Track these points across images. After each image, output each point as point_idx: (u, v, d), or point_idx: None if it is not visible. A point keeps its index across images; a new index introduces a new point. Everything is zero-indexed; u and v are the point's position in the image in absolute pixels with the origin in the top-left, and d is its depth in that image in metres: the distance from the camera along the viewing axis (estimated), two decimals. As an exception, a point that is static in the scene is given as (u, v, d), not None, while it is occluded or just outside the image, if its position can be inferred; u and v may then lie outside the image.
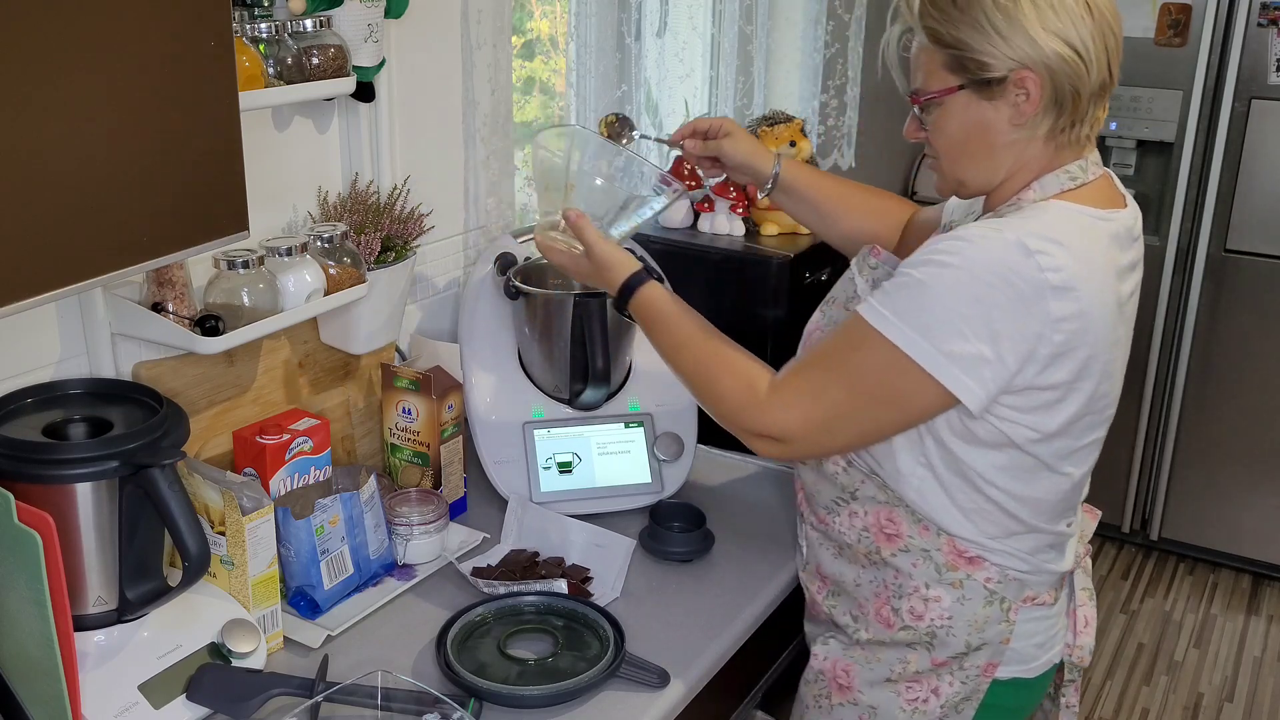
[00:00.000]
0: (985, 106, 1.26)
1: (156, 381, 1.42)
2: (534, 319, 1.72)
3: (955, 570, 1.34)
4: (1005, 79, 1.23)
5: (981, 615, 1.35)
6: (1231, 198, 3.16)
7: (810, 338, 1.45)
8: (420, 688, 1.23)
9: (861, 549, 1.39)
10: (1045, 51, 1.21)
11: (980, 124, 1.27)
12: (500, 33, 1.88)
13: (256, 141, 1.52)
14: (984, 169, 1.30)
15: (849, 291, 1.41)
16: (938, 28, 1.25)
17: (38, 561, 1.07)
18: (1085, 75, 1.22)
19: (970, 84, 1.25)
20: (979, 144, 1.28)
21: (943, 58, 1.26)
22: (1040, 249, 1.18)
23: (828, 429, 1.28)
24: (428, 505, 1.57)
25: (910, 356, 1.20)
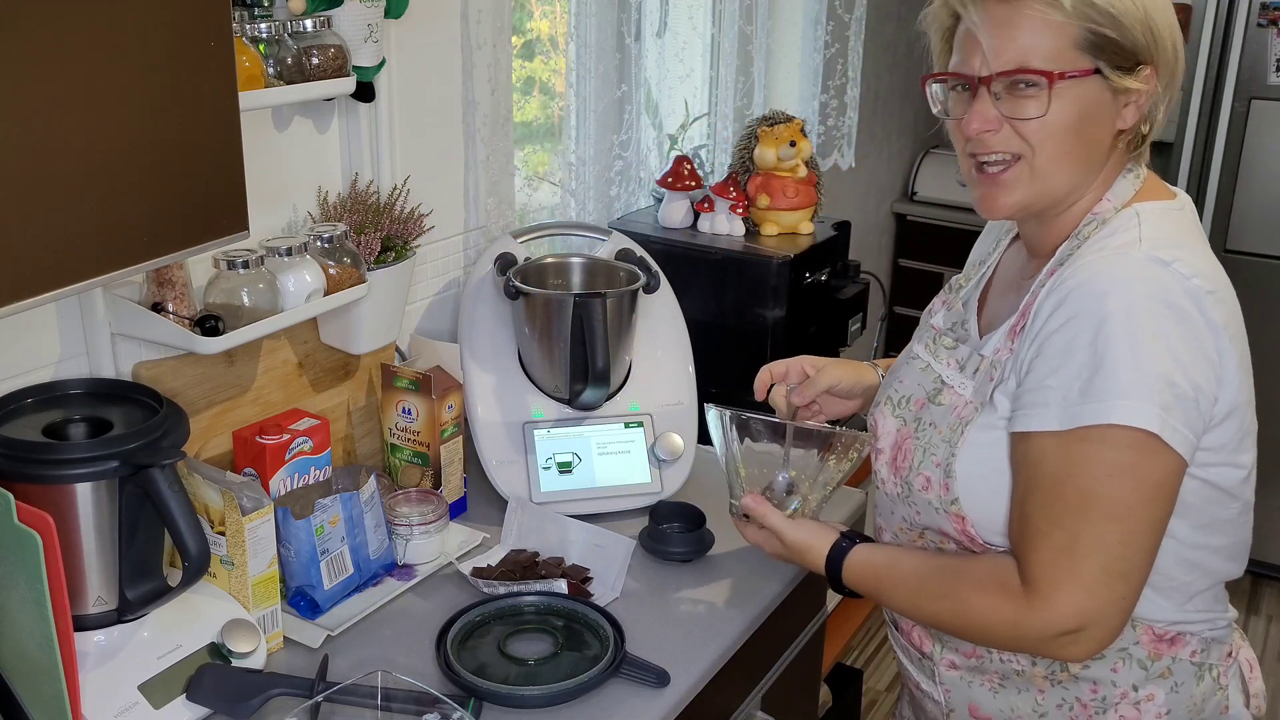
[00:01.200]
0: (1108, 99, 1.10)
1: (156, 381, 1.42)
2: (534, 319, 1.72)
3: (1159, 659, 1.16)
4: (1140, 71, 1.10)
5: (1198, 694, 1.18)
6: (1231, 198, 3.16)
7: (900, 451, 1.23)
8: (420, 688, 1.23)
9: (1040, 671, 1.19)
10: (1170, 45, 1.11)
11: (1098, 118, 1.11)
12: (500, 33, 1.88)
13: (256, 141, 1.52)
14: (1079, 171, 1.13)
15: (930, 385, 1.22)
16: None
17: (38, 561, 1.07)
18: (1180, 77, 1.14)
19: (1110, 69, 1.09)
20: (1089, 142, 1.11)
21: (1077, 33, 1.08)
22: (1174, 257, 1.05)
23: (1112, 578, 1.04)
24: (428, 505, 1.57)
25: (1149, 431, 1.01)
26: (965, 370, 1.18)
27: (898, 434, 1.23)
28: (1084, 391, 1.02)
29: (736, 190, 2.29)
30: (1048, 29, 1.08)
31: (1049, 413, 1.05)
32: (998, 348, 1.15)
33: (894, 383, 1.28)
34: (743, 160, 2.33)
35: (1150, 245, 1.07)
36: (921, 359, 1.26)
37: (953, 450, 1.14)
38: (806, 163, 2.33)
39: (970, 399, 1.16)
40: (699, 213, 2.32)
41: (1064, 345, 1.04)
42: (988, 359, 1.16)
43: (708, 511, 1.66)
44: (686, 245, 2.23)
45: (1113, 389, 1.01)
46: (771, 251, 2.18)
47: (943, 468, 1.15)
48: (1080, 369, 1.03)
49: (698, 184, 2.32)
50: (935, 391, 1.20)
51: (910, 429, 1.22)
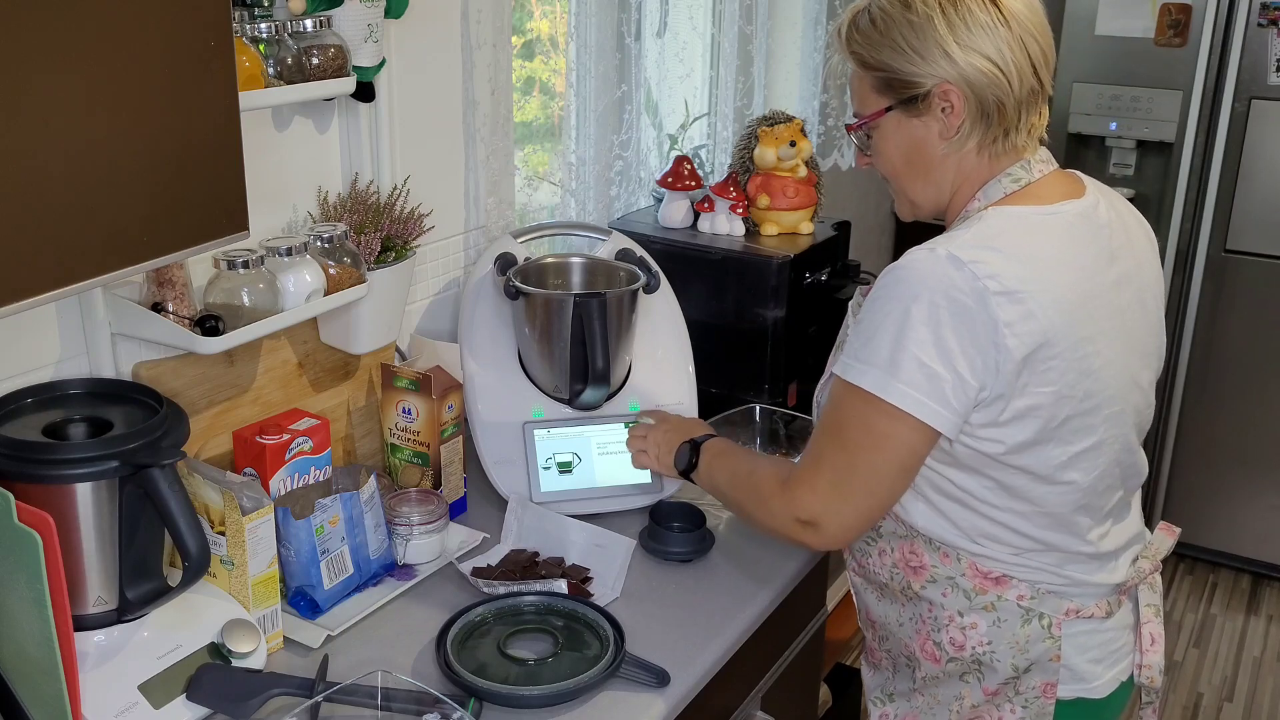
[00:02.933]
0: (915, 124, 1.29)
1: (156, 381, 1.42)
2: (534, 319, 1.72)
3: (984, 593, 1.32)
4: (929, 94, 1.26)
5: (1022, 635, 1.32)
6: (1231, 198, 3.17)
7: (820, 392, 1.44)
8: (420, 688, 1.23)
9: (896, 586, 1.39)
10: (962, 66, 1.23)
11: (913, 142, 1.30)
12: (500, 33, 1.88)
13: (256, 141, 1.52)
14: (928, 186, 1.33)
15: (844, 336, 1.42)
16: (862, 52, 1.29)
17: (38, 561, 1.07)
18: (1007, 85, 1.24)
19: (898, 104, 1.29)
20: (917, 162, 1.31)
21: (871, 81, 1.30)
22: (973, 258, 1.19)
23: (839, 494, 1.27)
24: (428, 505, 1.57)
25: (875, 394, 1.21)
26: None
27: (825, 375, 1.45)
28: (856, 354, 1.23)
29: (736, 190, 2.29)
30: (856, 81, 1.33)
31: (838, 363, 1.27)
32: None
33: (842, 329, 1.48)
34: (743, 160, 2.33)
35: (956, 246, 1.21)
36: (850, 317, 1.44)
37: (821, 391, 1.40)
38: (806, 163, 2.33)
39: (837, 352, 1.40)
40: (699, 213, 2.32)
41: (863, 316, 1.25)
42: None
43: (708, 512, 1.66)
44: (686, 245, 2.23)
45: (871, 357, 1.21)
46: (771, 251, 2.18)
47: (818, 402, 1.42)
48: (862, 336, 1.23)
49: (698, 184, 2.32)
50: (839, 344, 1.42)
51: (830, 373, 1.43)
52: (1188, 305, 3.28)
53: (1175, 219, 3.24)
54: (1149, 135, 3.25)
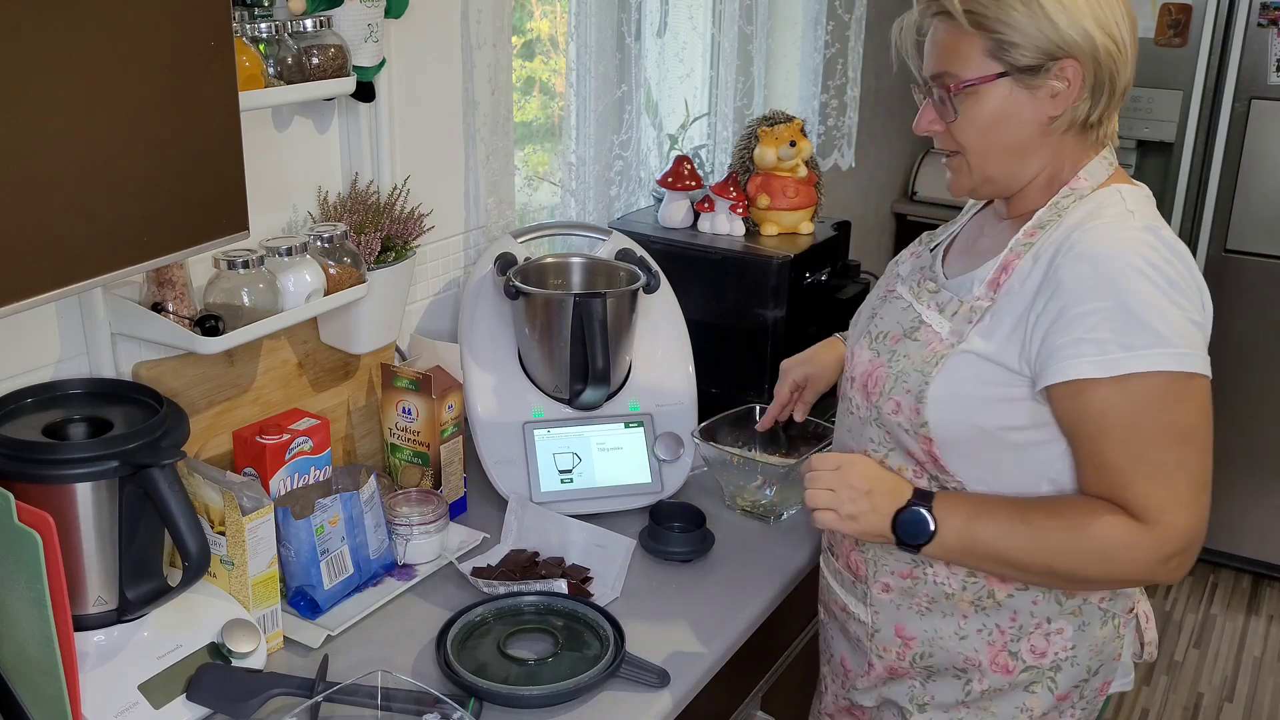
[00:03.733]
0: (1024, 96, 1.21)
1: (156, 381, 1.42)
2: (534, 319, 1.72)
3: (1073, 597, 1.30)
4: (1048, 67, 1.19)
5: (1100, 637, 1.32)
6: (1231, 198, 3.16)
7: (871, 379, 1.34)
8: (420, 688, 1.23)
9: (968, 597, 1.31)
10: (1095, 40, 1.18)
11: (1016, 115, 1.23)
12: (500, 33, 1.88)
13: (256, 141, 1.52)
14: (1014, 164, 1.26)
15: (908, 323, 1.33)
16: (982, 10, 1.19)
17: (38, 561, 1.07)
18: (1124, 66, 1.22)
19: (1012, 71, 1.20)
20: (1013, 137, 1.24)
21: (983, 42, 1.20)
22: (1158, 225, 1.20)
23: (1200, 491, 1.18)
24: (428, 505, 1.57)
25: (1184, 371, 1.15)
26: (944, 312, 1.29)
27: (870, 364, 1.35)
28: (1125, 345, 1.14)
29: (736, 190, 2.29)
30: (959, 40, 1.22)
31: (1090, 363, 1.15)
32: (978, 295, 1.27)
33: (874, 319, 1.40)
34: (743, 160, 2.33)
35: (1141, 217, 1.20)
36: (904, 299, 1.37)
37: (926, 380, 1.26)
38: (806, 163, 2.33)
39: (946, 337, 1.28)
40: (699, 213, 2.32)
41: (1089, 304, 1.15)
42: (966, 304, 1.28)
43: (708, 512, 1.66)
44: (686, 245, 2.23)
45: (1149, 338, 1.14)
46: (771, 251, 2.18)
47: (914, 394, 1.27)
48: (1112, 323, 1.15)
49: (698, 184, 2.32)
50: (912, 329, 1.32)
51: (883, 360, 1.33)
52: (1188, 305, 3.28)
53: (1175, 219, 3.24)
54: (1149, 135, 3.25)
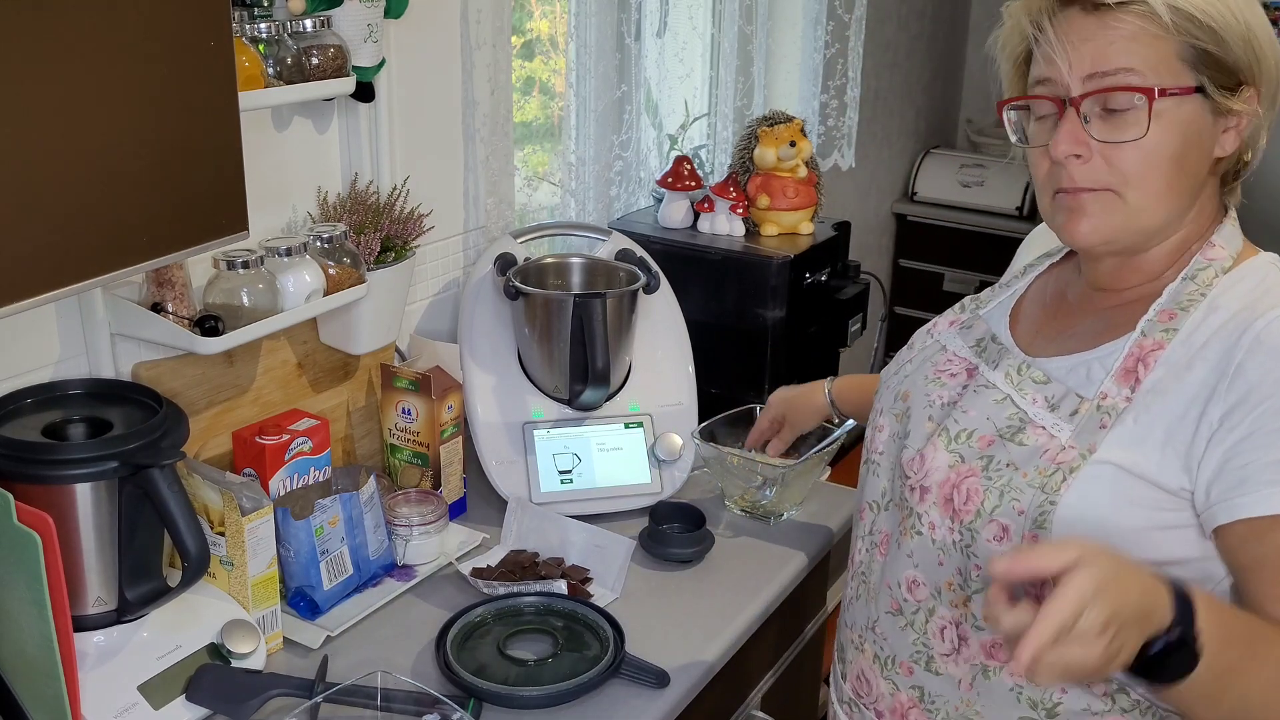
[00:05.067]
0: (1208, 124, 1.00)
1: (156, 382, 1.41)
2: (534, 319, 1.72)
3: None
4: (1241, 92, 1.00)
5: None
6: (1231, 198, 3.16)
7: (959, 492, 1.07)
8: (420, 688, 1.23)
9: None
10: (1270, 63, 1.00)
11: (1199, 144, 1.00)
12: (500, 33, 1.88)
13: (256, 141, 1.52)
14: (1178, 208, 1.03)
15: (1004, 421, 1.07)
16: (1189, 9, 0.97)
17: (37, 562, 1.06)
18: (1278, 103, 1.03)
19: (1212, 87, 0.99)
20: (1190, 172, 1.01)
21: (1177, 47, 0.98)
22: None
23: None
24: (427, 506, 1.57)
25: None
26: (1058, 410, 1.04)
27: (952, 472, 1.07)
28: None
29: (736, 190, 2.29)
30: (1143, 42, 0.98)
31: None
32: (1105, 392, 1.02)
33: (949, 411, 1.12)
34: (743, 160, 2.33)
35: None
36: (999, 389, 1.09)
37: (1050, 498, 1.00)
38: (806, 163, 2.33)
39: (1070, 443, 1.02)
40: (699, 213, 2.32)
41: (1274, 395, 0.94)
42: (1090, 401, 1.03)
43: (708, 512, 1.66)
44: (686, 245, 2.23)
45: None
46: (771, 252, 2.18)
47: (1029, 517, 1.01)
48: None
49: (698, 184, 2.32)
50: (1014, 429, 1.05)
51: (974, 468, 1.06)
52: (1188, 305, 3.28)
53: (1175, 219, 3.24)
54: (1149, 135, 3.25)
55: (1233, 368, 0.96)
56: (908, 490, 1.12)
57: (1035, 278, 1.21)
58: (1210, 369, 0.98)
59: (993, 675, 1.06)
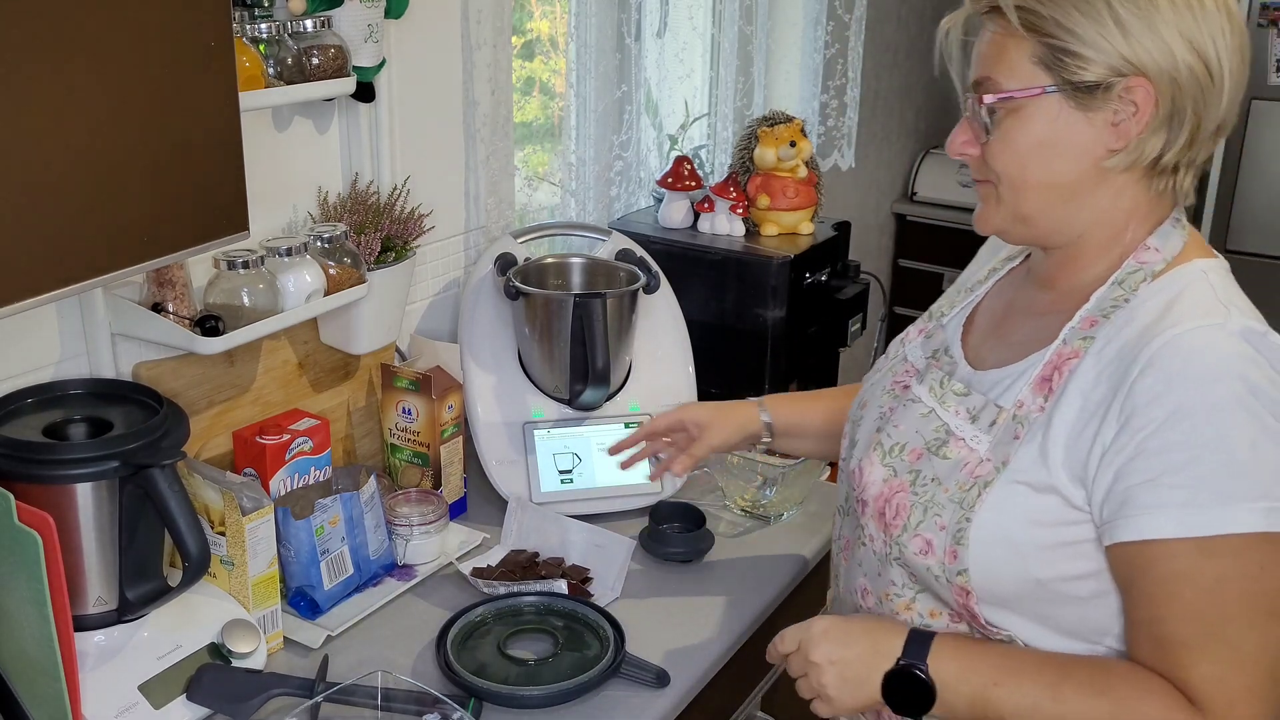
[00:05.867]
0: (1078, 119, 0.99)
1: (156, 382, 1.42)
2: (534, 319, 1.72)
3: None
4: (1112, 85, 0.97)
5: None
6: (1231, 198, 3.17)
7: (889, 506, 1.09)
8: (420, 688, 1.23)
9: None
10: (1175, 58, 0.96)
11: (1066, 143, 1.00)
12: (500, 33, 1.88)
13: (256, 142, 1.52)
14: (1059, 206, 1.03)
15: (930, 434, 1.09)
16: (1038, 9, 0.98)
17: (38, 561, 1.07)
18: (1215, 100, 1.00)
19: (1064, 86, 0.98)
20: (1060, 167, 1.01)
21: (1033, 48, 0.99)
22: (1264, 329, 0.96)
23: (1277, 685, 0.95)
24: (428, 505, 1.57)
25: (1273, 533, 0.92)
26: (979, 422, 1.06)
27: (885, 486, 1.09)
28: (1216, 497, 0.92)
29: (736, 190, 2.29)
30: (1006, 44, 1.01)
31: (1169, 519, 0.93)
32: (1021, 400, 1.03)
33: (883, 423, 1.14)
34: (743, 160, 2.34)
35: (1239, 315, 0.97)
36: (924, 403, 1.11)
37: (967, 514, 1.02)
38: (806, 163, 2.33)
39: (987, 455, 1.03)
40: (699, 213, 2.33)
41: (1177, 444, 0.93)
42: (1007, 411, 1.04)
43: (708, 512, 1.66)
44: (686, 245, 2.23)
45: (1242, 494, 0.92)
46: (771, 252, 2.18)
47: (949, 532, 1.03)
48: (1201, 474, 0.92)
49: (698, 184, 2.32)
50: (939, 442, 1.07)
51: (903, 481, 1.08)
52: (1187, 305, 3.28)
53: (1175, 219, 3.24)
54: (1149, 135, 3.25)
55: (1126, 387, 0.96)
56: (855, 501, 1.15)
57: (995, 283, 1.21)
58: (1109, 386, 0.98)
59: None
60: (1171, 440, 0.93)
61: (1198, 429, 0.92)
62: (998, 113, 1.02)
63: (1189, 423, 0.93)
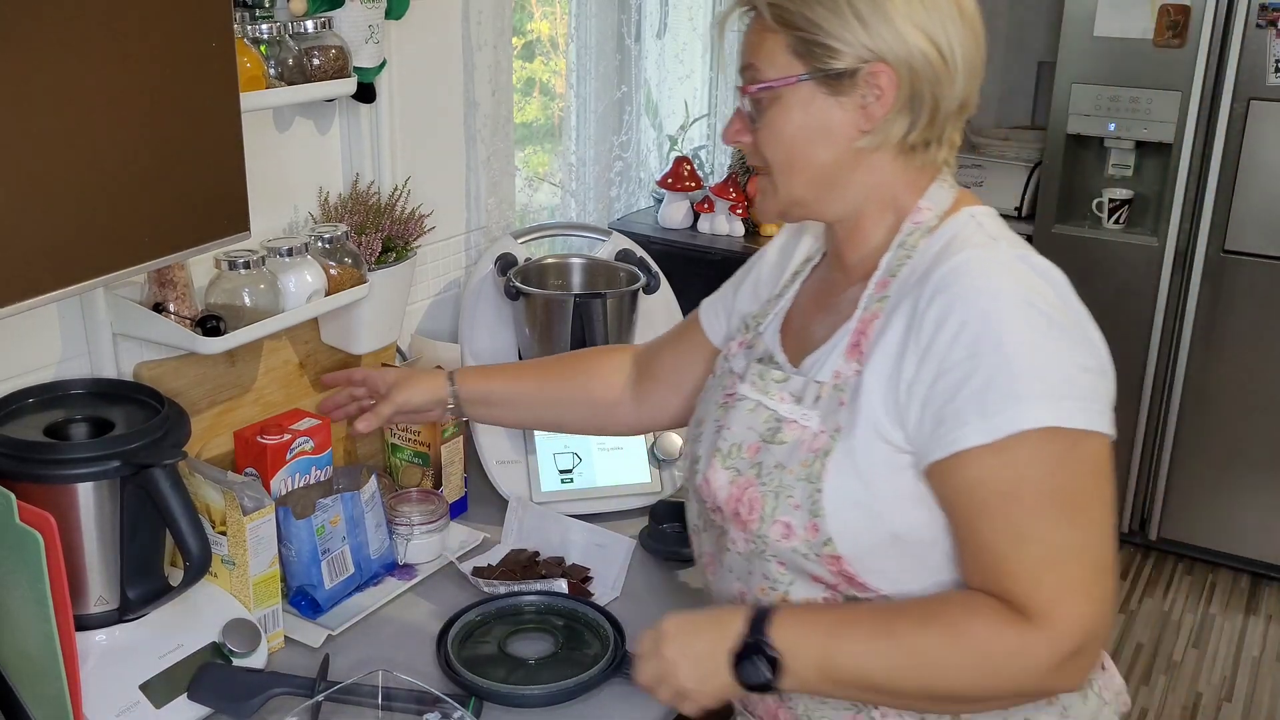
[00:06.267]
0: (830, 104, 1.06)
1: (158, 381, 1.42)
2: (534, 319, 1.73)
3: None
4: (857, 72, 1.04)
5: (1087, 712, 1.12)
6: (1230, 198, 3.17)
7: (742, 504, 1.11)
8: (421, 687, 1.23)
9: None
10: (910, 46, 1.03)
11: (823, 125, 1.07)
12: (501, 34, 1.89)
13: (258, 142, 1.52)
14: (824, 184, 1.10)
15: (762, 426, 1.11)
16: (786, 5, 1.06)
17: (39, 561, 1.07)
18: (949, 82, 1.06)
19: (815, 74, 1.05)
20: (819, 151, 1.08)
21: (787, 40, 1.06)
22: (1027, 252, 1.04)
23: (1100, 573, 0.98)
24: (428, 505, 1.57)
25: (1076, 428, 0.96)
26: (804, 401, 1.09)
27: (733, 486, 1.11)
28: (1004, 397, 0.96)
29: (736, 191, 2.30)
30: (765, 38, 1.09)
31: (971, 429, 0.97)
32: (837, 370, 1.08)
33: (718, 431, 1.16)
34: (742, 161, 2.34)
35: (1008, 246, 1.04)
36: (750, 399, 1.14)
37: (817, 486, 1.05)
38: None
39: (820, 428, 1.07)
40: (699, 213, 2.33)
41: (965, 356, 0.98)
42: (827, 384, 1.08)
43: (708, 511, 1.66)
44: (686, 245, 2.24)
45: (1026, 391, 0.96)
46: (771, 252, 2.18)
47: (805, 509, 1.05)
48: (989, 377, 0.97)
49: (698, 185, 2.33)
50: (772, 431, 1.10)
51: (749, 477, 1.10)
52: (1186, 306, 3.28)
53: (1174, 220, 3.24)
54: (1148, 136, 3.25)
55: (918, 321, 1.02)
56: (711, 512, 1.17)
57: (801, 285, 1.24)
58: (905, 327, 1.03)
59: None
60: (959, 356, 0.98)
61: (980, 339, 0.97)
62: (762, 101, 1.09)
63: (970, 334, 0.98)
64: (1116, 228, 3.36)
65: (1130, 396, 3.42)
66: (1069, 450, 0.97)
